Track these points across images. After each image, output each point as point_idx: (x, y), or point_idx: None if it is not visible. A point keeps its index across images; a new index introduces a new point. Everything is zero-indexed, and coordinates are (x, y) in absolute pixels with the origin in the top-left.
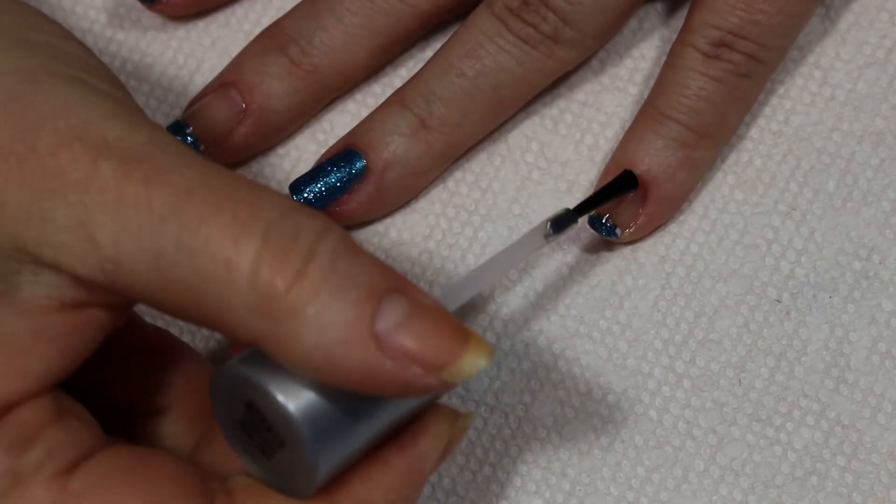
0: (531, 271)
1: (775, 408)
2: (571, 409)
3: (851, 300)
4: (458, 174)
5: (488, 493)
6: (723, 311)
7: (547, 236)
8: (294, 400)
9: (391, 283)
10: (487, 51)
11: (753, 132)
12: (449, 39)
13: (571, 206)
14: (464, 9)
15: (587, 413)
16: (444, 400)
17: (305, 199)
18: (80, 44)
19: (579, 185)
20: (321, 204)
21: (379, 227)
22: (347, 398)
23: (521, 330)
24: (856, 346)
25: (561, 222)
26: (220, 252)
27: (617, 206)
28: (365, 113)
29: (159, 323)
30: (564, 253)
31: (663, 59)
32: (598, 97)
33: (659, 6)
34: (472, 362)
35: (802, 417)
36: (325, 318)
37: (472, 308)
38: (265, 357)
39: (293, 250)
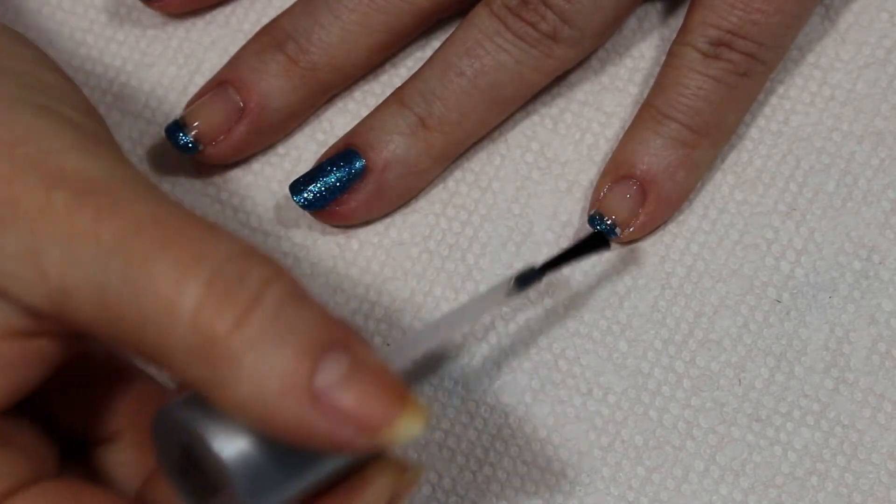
0: None
1: (775, 408)
2: (571, 409)
3: (851, 300)
4: (458, 174)
5: (488, 493)
6: (723, 311)
7: (509, 294)
8: (228, 447)
9: (335, 336)
10: (486, 50)
11: (753, 132)
12: (448, 38)
13: (535, 266)
14: (463, 7)
15: (587, 413)
16: (447, 401)
17: (305, 198)
18: (59, 72)
19: (579, 184)
20: (321, 203)
21: (379, 227)
22: (286, 448)
23: (521, 330)
24: (856, 346)
25: (526, 279)
26: (163, 291)
27: (613, 211)
28: (365, 112)
29: None
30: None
31: (663, 58)
32: (598, 97)
33: (658, 6)
34: (407, 428)
35: (802, 417)
36: (263, 367)
37: None
38: (205, 402)
39: (237, 295)
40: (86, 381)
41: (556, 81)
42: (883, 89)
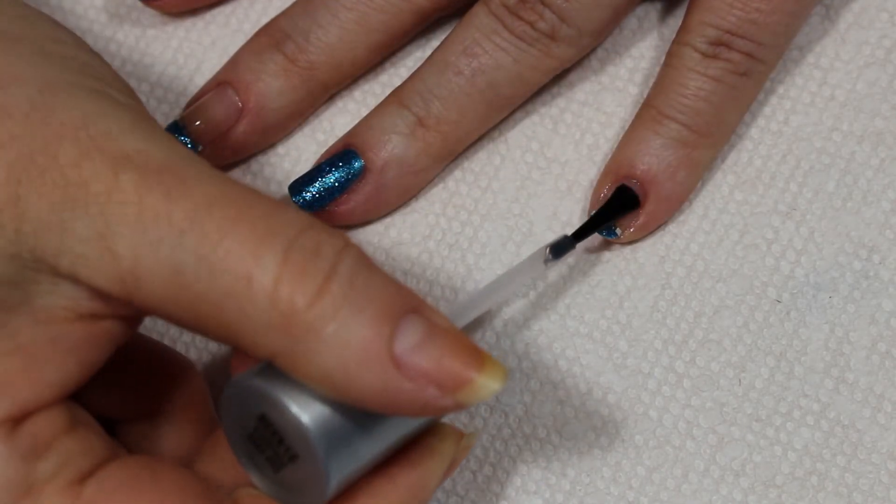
0: None
1: (775, 408)
2: (571, 409)
3: (851, 300)
4: (457, 174)
5: (488, 493)
6: (723, 311)
7: (546, 262)
8: (309, 413)
9: (409, 302)
10: (484, 49)
11: (753, 132)
12: (446, 37)
13: (570, 231)
14: (461, 6)
15: (587, 413)
16: None
17: (304, 199)
18: (97, 55)
19: (579, 184)
20: (320, 204)
21: (379, 227)
22: (359, 413)
23: (521, 330)
24: (856, 346)
25: (560, 248)
26: (241, 267)
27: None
28: (364, 113)
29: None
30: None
31: (662, 58)
32: (598, 97)
33: (658, 6)
34: (487, 385)
35: (802, 417)
36: (344, 337)
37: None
38: (277, 370)
39: (313, 267)
40: (121, 362)
41: (555, 81)
42: (883, 89)
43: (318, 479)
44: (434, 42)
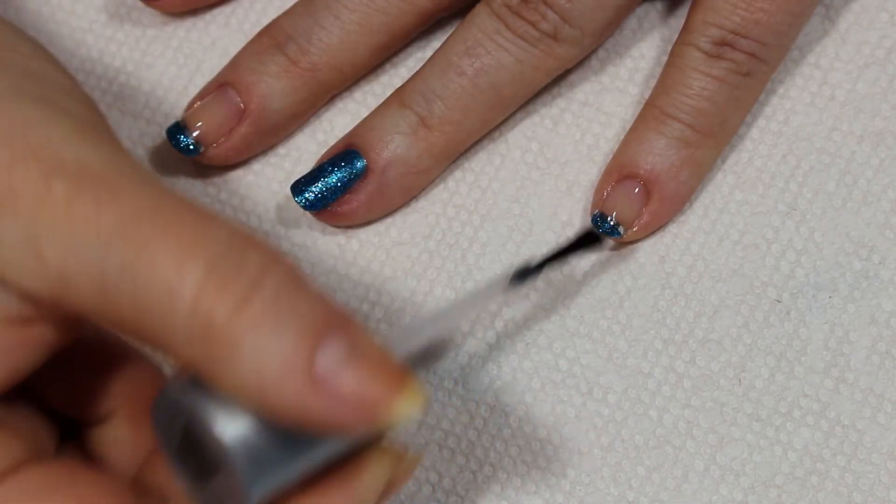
0: None
1: (775, 408)
2: (571, 408)
3: (851, 300)
4: (458, 174)
5: (488, 493)
6: (723, 311)
7: (507, 289)
8: (229, 429)
9: (334, 321)
10: (487, 49)
11: (753, 132)
12: (448, 38)
13: (533, 262)
14: (463, 6)
15: (587, 413)
16: (447, 401)
17: (306, 199)
18: (57, 65)
19: (579, 184)
20: (322, 204)
21: (379, 227)
22: (286, 430)
23: (521, 330)
24: (856, 346)
25: (523, 275)
26: (163, 277)
27: (615, 209)
28: (365, 113)
29: None
30: (559, 261)
31: (664, 58)
32: (598, 97)
33: (659, 5)
34: (405, 410)
35: (802, 417)
36: (262, 351)
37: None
38: (206, 383)
39: (237, 280)
40: (79, 363)
41: (556, 81)
42: (883, 89)
43: (240, 494)
44: (435, 42)
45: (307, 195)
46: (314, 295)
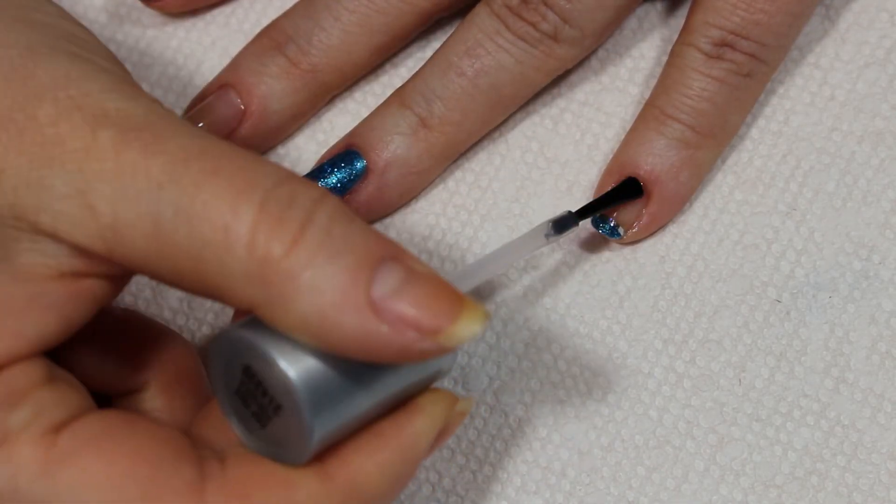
0: (531, 271)
1: (775, 408)
2: (571, 408)
3: (851, 300)
4: (458, 174)
5: (488, 493)
6: (723, 311)
7: (548, 236)
8: (293, 364)
9: (387, 250)
10: (487, 49)
11: (753, 132)
12: (448, 38)
13: (573, 208)
14: (462, 6)
15: (587, 413)
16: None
17: None
18: (82, 26)
19: (579, 184)
20: None
21: (379, 227)
22: (346, 367)
23: (521, 330)
24: (856, 346)
25: (562, 224)
26: (218, 217)
27: (616, 210)
28: (365, 113)
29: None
30: (564, 253)
31: (663, 58)
32: (598, 97)
33: (659, 6)
34: (468, 327)
35: (802, 417)
36: (321, 282)
37: None
38: (264, 324)
39: (289, 216)
40: (113, 336)
41: (556, 81)
42: (883, 89)
43: (302, 431)
44: (434, 42)
45: None
46: (364, 226)
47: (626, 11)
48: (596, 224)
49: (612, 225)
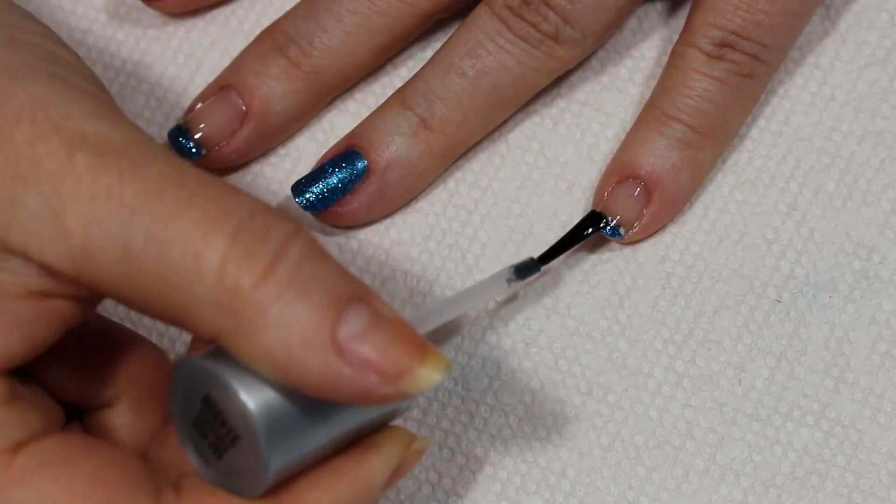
0: None
1: (775, 408)
2: (571, 408)
3: (851, 300)
4: (458, 174)
5: (489, 493)
6: (723, 311)
7: (510, 281)
8: (253, 394)
9: (355, 291)
10: (488, 50)
11: (753, 132)
12: (449, 38)
13: (538, 251)
14: (463, 6)
15: (587, 413)
16: (447, 401)
17: (307, 199)
18: (66, 46)
19: (579, 184)
20: (323, 205)
21: (379, 227)
22: (306, 402)
23: (521, 330)
24: (856, 346)
25: (524, 270)
26: (189, 245)
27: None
28: (365, 113)
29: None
30: (564, 253)
31: (663, 58)
32: (598, 97)
33: (659, 6)
34: (429, 375)
35: (802, 417)
36: (288, 318)
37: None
38: (226, 356)
39: (261, 249)
40: (84, 349)
41: (556, 81)
42: (883, 89)
43: (259, 462)
44: (434, 42)
45: (308, 196)
46: (335, 265)
47: (627, 12)
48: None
49: (612, 225)
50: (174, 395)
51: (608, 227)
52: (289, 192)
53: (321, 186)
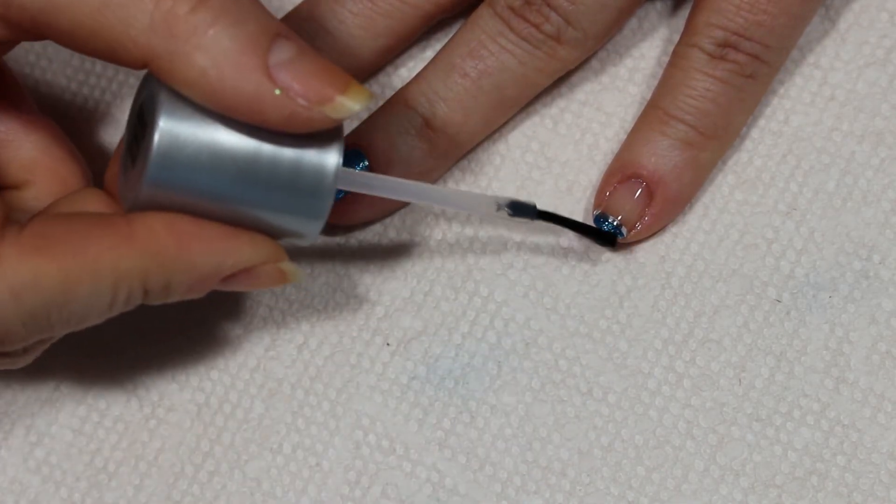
0: (531, 271)
1: (775, 408)
2: (571, 408)
3: (851, 300)
4: (458, 174)
5: (489, 493)
6: (723, 311)
7: (500, 208)
8: (173, 111)
9: (282, 28)
10: (490, 51)
11: (753, 132)
12: (451, 39)
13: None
14: (465, 7)
15: (587, 413)
16: (447, 401)
17: None
18: None
19: (579, 184)
20: None
21: (378, 227)
22: (216, 148)
23: (521, 330)
24: (856, 346)
25: (520, 208)
26: None
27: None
28: (365, 113)
29: None
30: (565, 252)
31: (664, 58)
32: (598, 97)
33: (659, 6)
34: (352, 100)
35: (802, 417)
36: (223, 41)
37: (471, 307)
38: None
39: None
40: None
41: (556, 81)
42: (883, 89)
43: (143, 172)
44: (434, 42)
45: None
46: (263, 8)
47: (628, 13)
48: (598, 223)
49: (614, 224)
50: (134, 105)
51: (610, 227)
52: None
53: None
